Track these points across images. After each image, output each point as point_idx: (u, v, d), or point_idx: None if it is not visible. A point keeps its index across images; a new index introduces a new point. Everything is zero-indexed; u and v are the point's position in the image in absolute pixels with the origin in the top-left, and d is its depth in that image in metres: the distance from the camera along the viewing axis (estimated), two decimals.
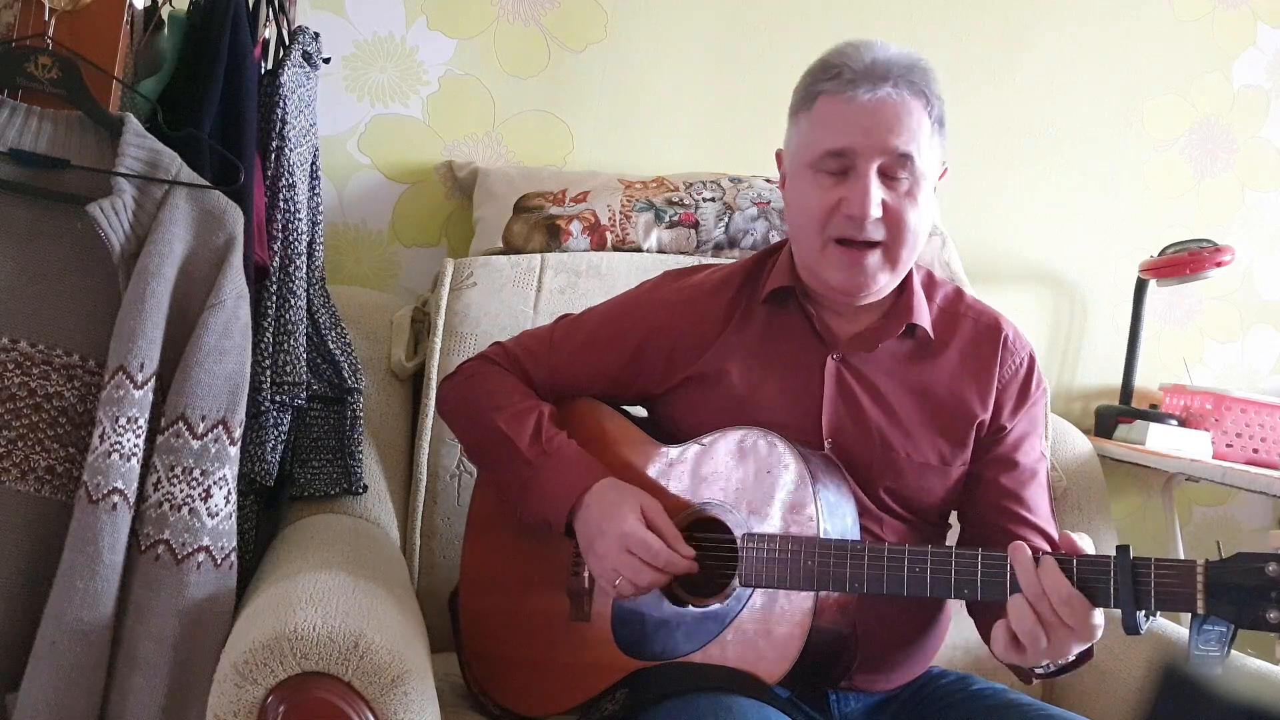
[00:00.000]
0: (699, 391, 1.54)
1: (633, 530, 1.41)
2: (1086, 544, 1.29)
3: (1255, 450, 2.38)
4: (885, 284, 1.48)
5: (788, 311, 1.54)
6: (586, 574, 1.50)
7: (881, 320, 1.53)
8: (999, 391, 1.53)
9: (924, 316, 1.53)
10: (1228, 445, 2.37)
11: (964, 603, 1.56)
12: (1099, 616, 1.26)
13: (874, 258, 1.45)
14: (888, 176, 1.44)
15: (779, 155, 1.56)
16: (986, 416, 1.52)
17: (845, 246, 1.45)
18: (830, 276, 1.47)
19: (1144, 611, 1.23)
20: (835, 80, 1.44)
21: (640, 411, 1.64)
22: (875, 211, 1.42)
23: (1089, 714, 1.55)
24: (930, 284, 1.58)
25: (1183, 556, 2.34)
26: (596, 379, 1.61)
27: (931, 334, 1.53)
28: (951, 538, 1.61)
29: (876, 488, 1.49)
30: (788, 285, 1.53)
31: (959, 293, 1.60)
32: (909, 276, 1.54)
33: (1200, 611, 1.20)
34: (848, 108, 1.43)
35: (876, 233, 1.44)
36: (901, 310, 1.52)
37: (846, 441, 1.49)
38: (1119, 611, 1.24)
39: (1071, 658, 1.34)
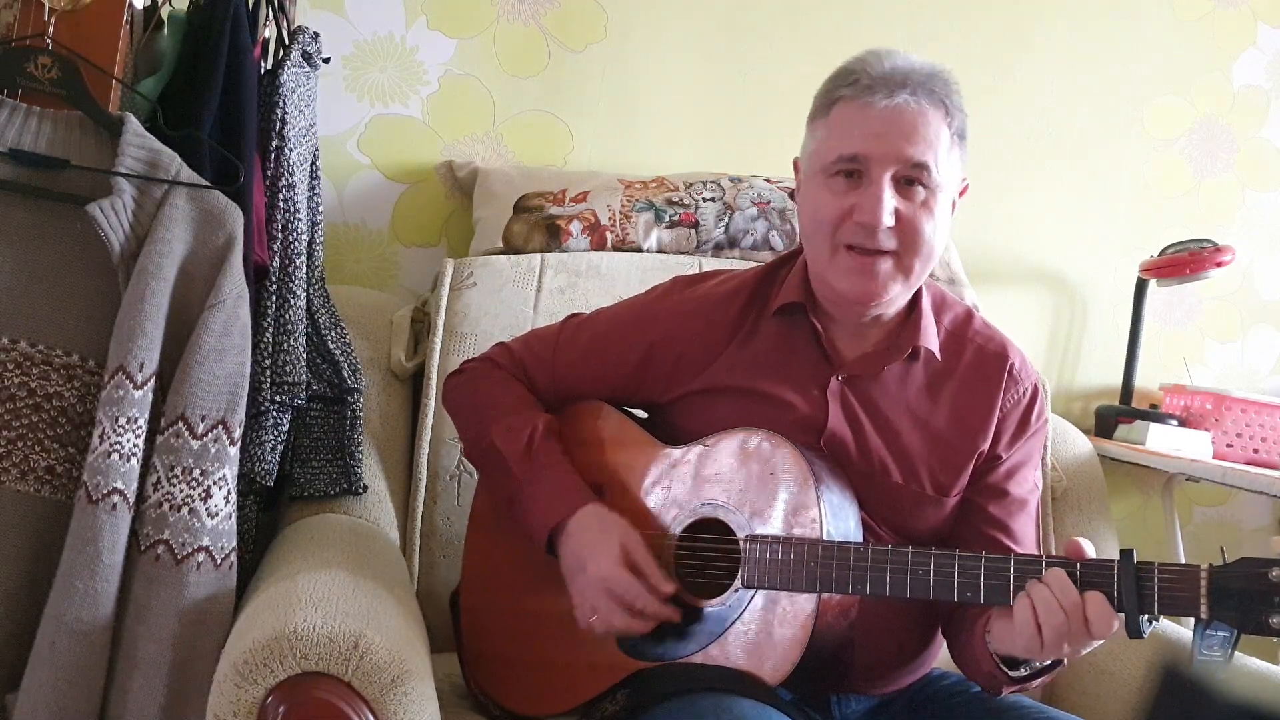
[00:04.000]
0: (703, 403, 1.52)
1: (611, 573, 1.40)
2: (1089, 549, 1.29)
3: (1255, 450, 2.38)
4: (896, 294, 1.45)
5: (796, 327, 1.52)
6: None
7: (889, 341, 1.51)
8: (1000, 421, 1.51)
9: (931, 339, 1.50)
10: (1228, 445, 2.37)
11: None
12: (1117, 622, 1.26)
13: (885, 265, 1.42)
14: (903, 185, 1.41)
15: (795, 163, 1.53)
16: (986, 446, 1.51)
17: (856, 253, 1.42)
18: (840, 283, 1.44)
19: (1147, 616, 1.23)
20: (853, 86, 1.41)
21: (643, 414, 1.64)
22: (888, 220, 1.39)
23: (1089, 714, 1.55)
24: (941, 305, 1.55)
25: (1183, 556, 2.34)
26: (601, 383, 1.60)
27: (939, 356, 1.51)
28: None
29: (872, 513, 1.47)
30: (798, 301, 1.51)
31: (969, 316, 1.57)
32: (919, 296, 1.51)
33: (1203, 616, 1.20)
34: (864, 114, 1.40)
35: (889, 242, 1.41)
36: (910, 331, 1.50)
37: (845, 464, 1.47)
38: (1122, 616, 1.24)
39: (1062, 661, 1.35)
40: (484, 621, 1.60)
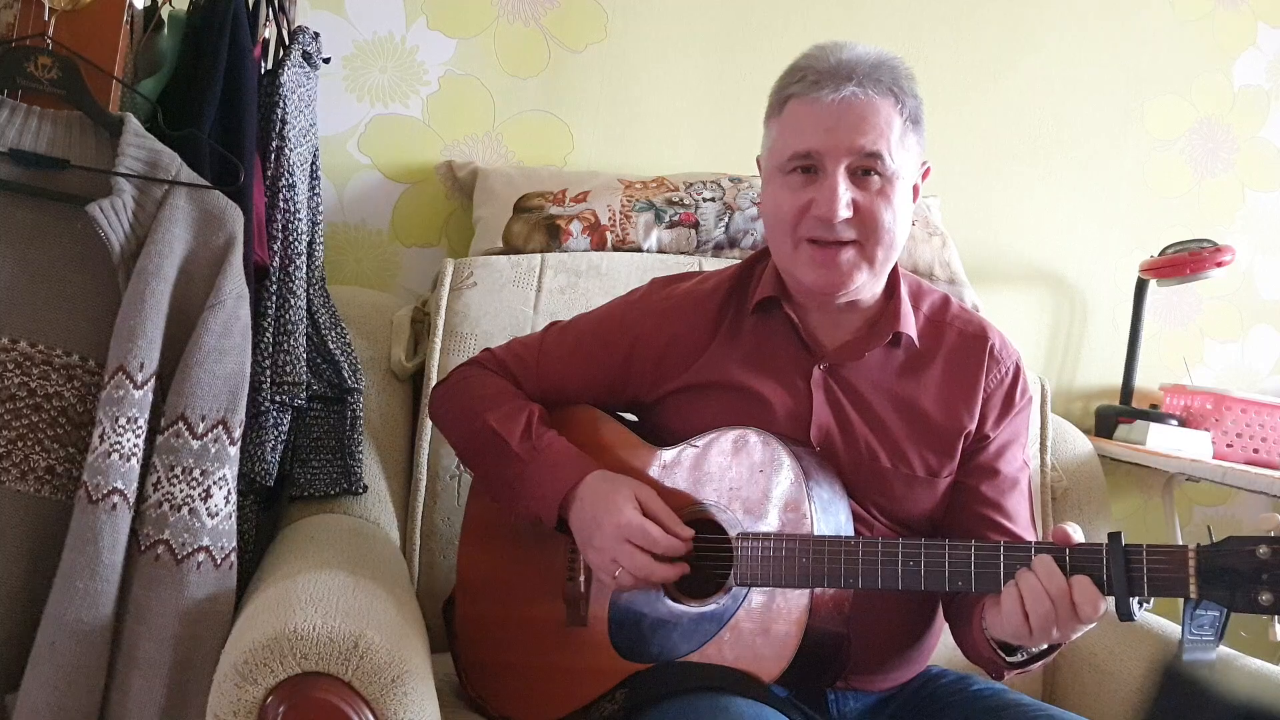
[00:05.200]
0: (689, 401, 1.53)
1: (630, 519, 1.41)
2: (1077, 535, 1.30)
3: (1255, 450, 2.38)
4: (863, 281, 1.46)
5: (775, 321, 1.53)
6: (582, 578, 1.50)
7: (868, 329, 1.52)
8: (984, 401, 1.52)
9: (910, 325, 1.52)
10: (1228, 445, 2.37)
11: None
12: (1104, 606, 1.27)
13: (848, 254, 1.44)
14: (857, 176, 1.43)
15: (759, 161, 1.55)
16: (973, 427, 1.52)
17: (817, 245, 1.44)
18: (804, 275, 1.46)
19: (1137, 598, 1.24)
20: (801, 83, 1.44)
21: (632, 418, 1.64)
22: (844, 212, 1.41)
23: (1089, 714, 1.55)
24: (918, 293, 1.57)
25: None
26: (586, 386, 1.61)
27: (917, 343, 1.52)
28: None
29: (864, 499, 1.49)
30: (774, 295, 1.52)
31: (946, 301, 1.59)
32: (896, 284, 1.53)
33: (1193, 596, 1.21)
34: (813, 109, 1.43)
35: (848, 233, 1.43)
36: (888, 318, 1.51)
37: (834, 452, 1.49)
38: (1111, 599, 1.24)
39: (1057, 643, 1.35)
40: (479, 628, 1.60)
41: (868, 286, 1.49)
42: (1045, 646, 1.36)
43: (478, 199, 2.17)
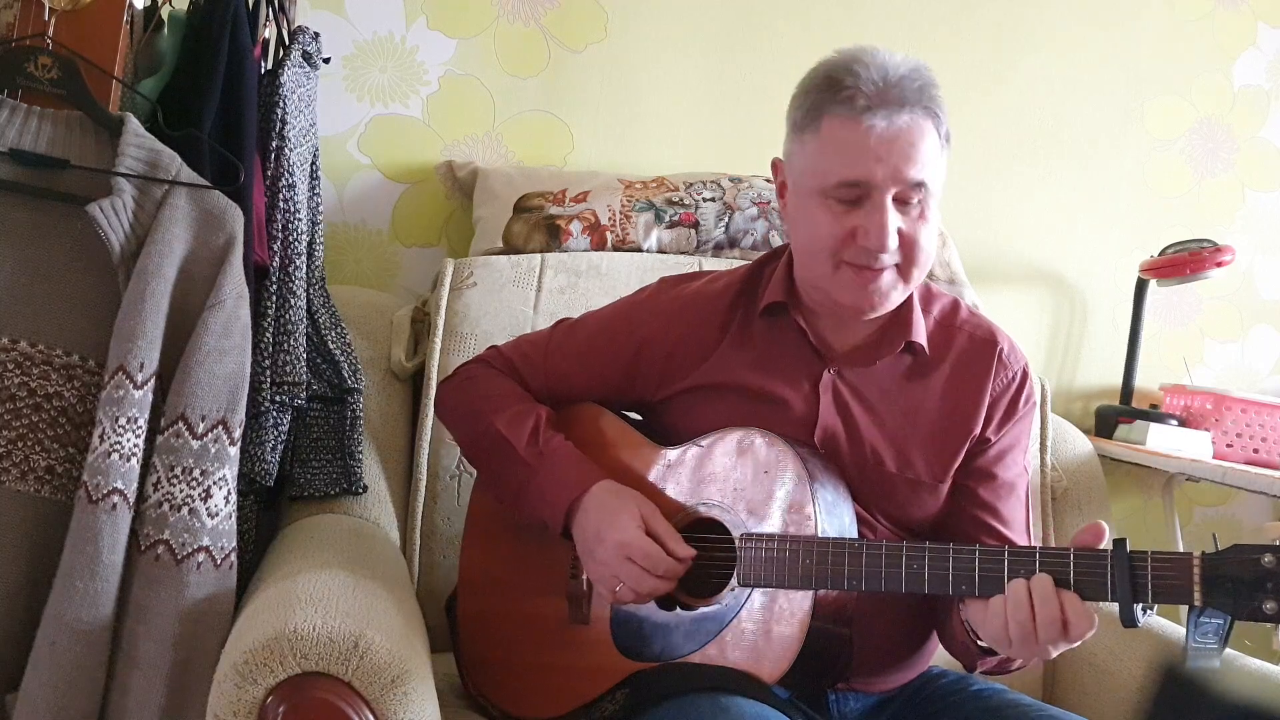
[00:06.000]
0: (695, 402, 1.53)
1: (633, 538, 1.41)
2: (1104, 540, 1.29)
3: (1255, 450, 2.38)
4: (896, 300, 1.45)
5: (784, 324, 1.53)
6: (585, 577, 1.49)
7: (879, 335, 1.51)
8: (990, 405, 1.52)
9: (921, 333, 1.51)
10: (1228, 445, 2.37)
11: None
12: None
13: (888, 276, 1.42)
14: (902, 202, 1.40)
15: (775, 164, 1.51)
16: (978, 430, 1.51)
17: (858, 268, 1.41)
18: (842, 297, 1.44)
19: (1141, 605, 1.23)
20: (846, 104, 1.38)
21: (637, 417, 1.64)
22: (893, 243, 1.39)
23: (1089, 714, 1.55)
24: (928, 297, 1.56)
25: None
26: (593, 385, 1.60)
27: (928, 350, 1.51)
28: None
29: (868, 503, 1.48)
30: (782, 300, 1.52)
31: (956, 305, 1.58)
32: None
33: (1197, 604, 1.20)
34: (863, 136, 1.37)
35: (891, 259, 1.41)
36: (900, 326, 1.50)
37: (840, 456, 1.48)
38: (1116, 605, 1.24)
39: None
40: (482, 625, 1.60)
41: (897, 301, 1.47)
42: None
43: (478, 199, 2.17)
